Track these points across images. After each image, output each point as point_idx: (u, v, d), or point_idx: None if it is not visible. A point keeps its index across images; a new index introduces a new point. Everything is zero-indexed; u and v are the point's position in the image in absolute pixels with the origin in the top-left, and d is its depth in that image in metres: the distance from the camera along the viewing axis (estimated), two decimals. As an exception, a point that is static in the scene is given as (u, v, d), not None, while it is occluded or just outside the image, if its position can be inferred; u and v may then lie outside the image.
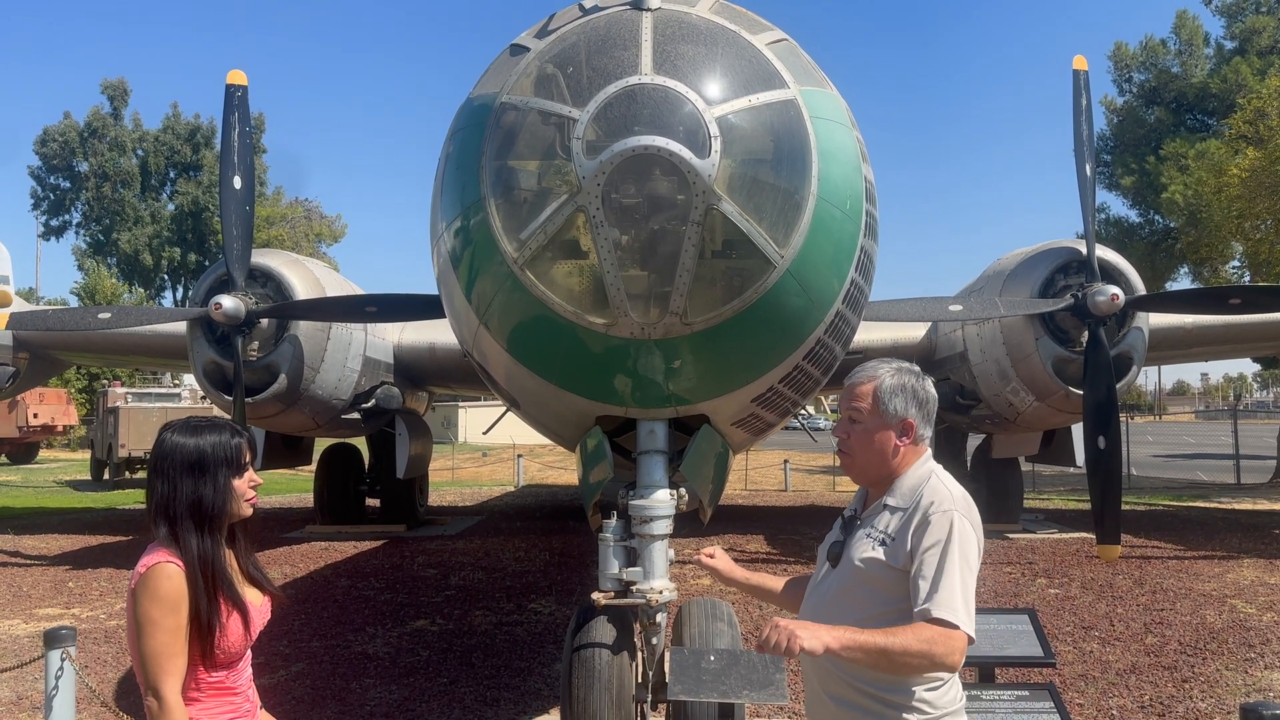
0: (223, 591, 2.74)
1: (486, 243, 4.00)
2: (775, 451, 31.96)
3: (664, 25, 3.96)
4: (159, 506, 2.76)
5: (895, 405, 2.81)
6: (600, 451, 4.67)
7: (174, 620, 2.62)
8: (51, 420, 34.55)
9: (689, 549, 13.12)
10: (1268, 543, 13.89)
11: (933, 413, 2.88)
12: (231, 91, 10.39)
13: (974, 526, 2.69)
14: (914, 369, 2.90)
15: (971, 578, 2.61)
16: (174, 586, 2.64)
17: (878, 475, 2.86)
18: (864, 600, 2.73)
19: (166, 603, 2.62)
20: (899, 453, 2.82)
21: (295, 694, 6.96)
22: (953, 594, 2.56)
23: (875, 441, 2.83)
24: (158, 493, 2.78)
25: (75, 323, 11.68)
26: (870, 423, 2.84)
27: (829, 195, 3.99)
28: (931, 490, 2.74)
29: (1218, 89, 28.02)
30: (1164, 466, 30.64)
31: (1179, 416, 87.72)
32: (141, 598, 2.64)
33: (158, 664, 2.60)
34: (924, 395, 2.85)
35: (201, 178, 60.92)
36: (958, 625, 2.53)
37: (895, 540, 2.70)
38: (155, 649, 2.60)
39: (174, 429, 2.86)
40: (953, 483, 2.79)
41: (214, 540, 2.77)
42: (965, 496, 2.75)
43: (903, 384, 2.83)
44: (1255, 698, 6.77)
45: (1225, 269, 27.69)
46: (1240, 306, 11.23)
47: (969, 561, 2.62)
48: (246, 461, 2.89)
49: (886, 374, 2.86)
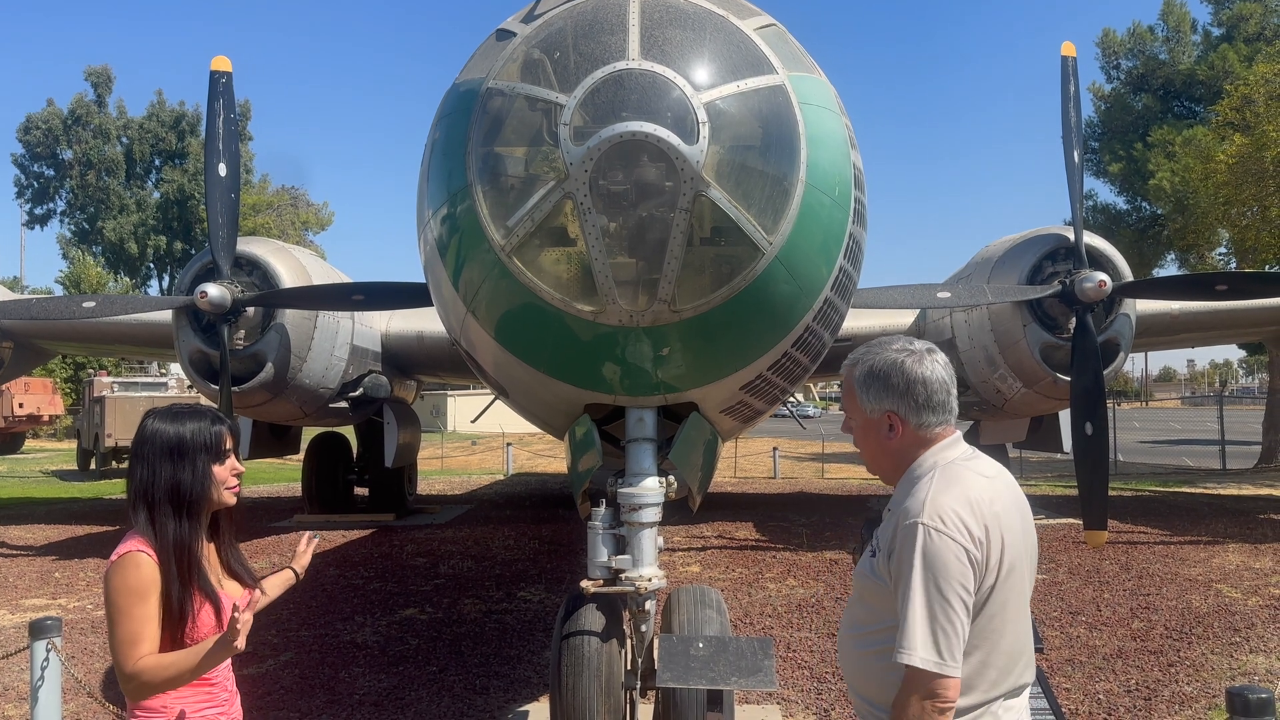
0: (196, 580, 2.73)
1: (473, 230, 3.97)
2: (764, 439, 32.02)
3: (651, 10, 3.93)
4: (138, 491, 2.77)
5: (870, 398, 2.53)
6: (589, 439, 4.65)
7: (142, 609, 2.62)
8: (37, 410, 34.40)
9: (678, 537, 13.18)
10: (1253, 527, 14.00)
11: (928, 397, 2.48)
12: (216, 78, 10.30)
13: (956, 539, 2.28)
14: (911, 347, 2.53)
15: (943, 602, 2.25)
16: (143, 575, 2.64)
17: (886, 472, 2.60)
18: (863, 614, 2.52)
19: (135, 591, 2.63)
20: (891, 447, 2.53)
21: (284, 683, 6.95)
22: (914, 631, 2.25)
23: (867, 438, 2.59)
24: (137, 477, 2.78)
25: (60, 311, 11.59)
26: (858, 419, 2.60)
27: (818, 182, 3.97)
28: (916, 493, 2.39)
29: (1205, 76, 28.06)
30: (1150, 452, 30.83)
31: (1165, 402, 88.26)
32: (111, 584, 2.65)
33: (125, 650, 2.61)
34: (905, 381, 2.48)
35: (187, 165, 60.46)
36: (921, 669, 2.24)
37: (880, 549, 2.44)
38: (123, 635, 2.61)
39: (156, 415, 2.85)
40: (953, 482, 2.39)
41: (192, 527, 2.77)
42: (954, 503, 2.33)
43: (875, 372, 2.52)
44: (1240, 681, 6.82)
45: (1212, 255, 27.82)
46: (1227, 293, 11.27)
47: (937, 585, 2.26)
48: (228, 449, 2.87)
49: (863, 361, 2.56)
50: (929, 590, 2.26)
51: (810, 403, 61.64)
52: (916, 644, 2.24)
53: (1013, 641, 2.40)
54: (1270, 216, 20.13)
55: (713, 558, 11.95)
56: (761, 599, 9.55)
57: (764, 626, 8.52)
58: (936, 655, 2.24)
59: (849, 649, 2.58)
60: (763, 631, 8.33)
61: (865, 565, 2.50)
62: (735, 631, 6.54)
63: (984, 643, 2.34)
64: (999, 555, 2.34)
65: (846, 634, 2.60)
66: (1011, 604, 2.38)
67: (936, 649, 2.24)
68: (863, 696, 2.51)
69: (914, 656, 2.24)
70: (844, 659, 2.64)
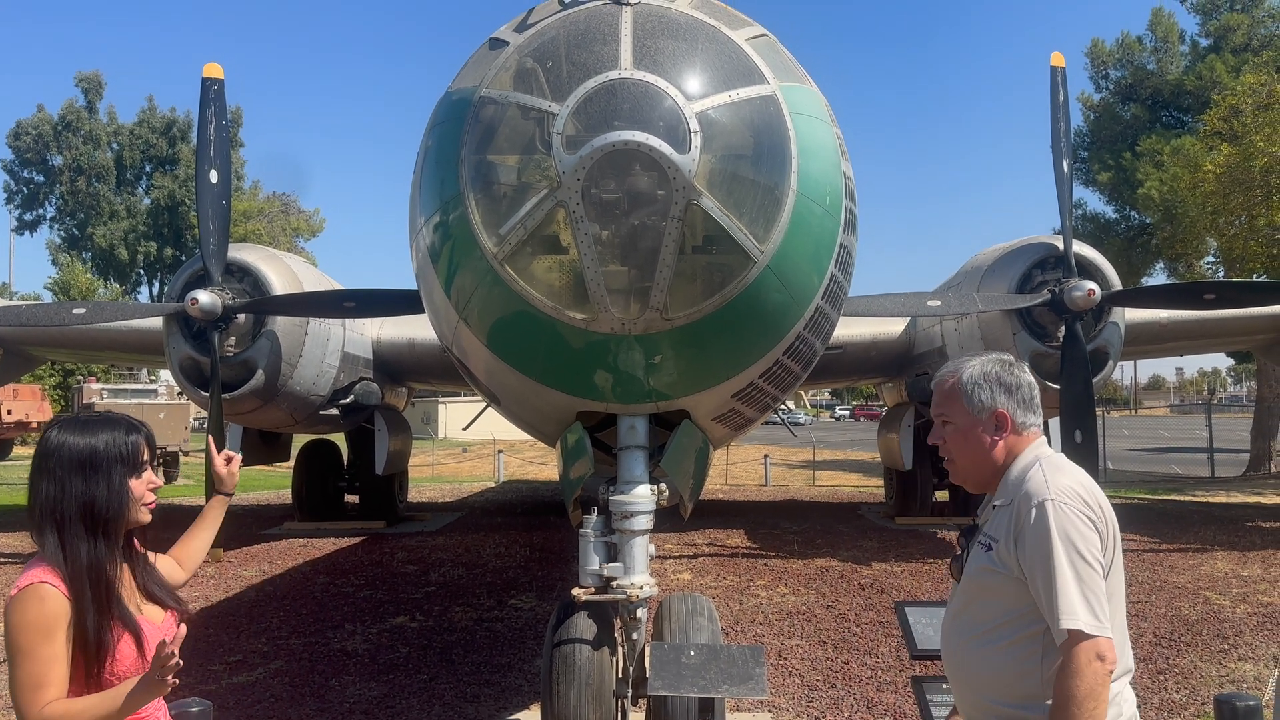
0: (113, 608, 2.46)
1: (466, 238, 3.98)
2: (756, 446, 32.03)
3: (644, 20, 3.96)
4: (45, 511, 2.47)
5: (981, 397, 2.62)
6: (581, 447, 4.66)
7: (48, 649, 2.33)
8: (26, 417, 34.16)
9: (669, 544, 13.18)
10: (1241, 535, 14.06)
11: (1030, 398, 2.65)
12: (208, 85, 10.29)
13: (1082, 510, 2.39)
14: (1004, 357, 2.70)
15: (1086, 567, 2.33)
16: (47, 609, 2.35)
17: (984, 476, 2.65)
18: (984, 613, 2.53)
19: (39, 627, 2.33)
20: (998, 447, 2.62)
21: (274, 691, 6.92)
22: (1070, 597, 2.30)
23: (970, 440, 2.64)
24: (43, 495, 2.47)
25: (49, 318, 11.54)
26: (961, 421, 2.65)
27: (809, 191, 4.00)
28: (1031, 480, 2.48)
29: (1193, 86, 28.24)
30: (1139, 460, 30.95)
31: (1154, 411, 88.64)
32: (11, 621, 2.35)
33: (28, 695, 2.30)
34: (1013, 381, 2.63)
35: (178, 172, 60.40)
36: (1086, 632, 2.27)
37: (1000, 542, 2.48)
38: (25, 679, 2.31)
39: (62, 425, 2.56)
40: (1060, 468, 2.52)
41: (108, 548, 2.49)
42: (1071, 482, 2.46)
43: (985, 373, 2.64)
44: (1229, 689, 6.85)
45: (1200, 265, 27.94)
46: (1215, 302, 11.35)
47: (1078, 550, 2.34)
48: (145, 460, 2.61)
49: (968, 366, 2.67)
50: (1072, 558, 2.33)
51: (801, 410, 61.67)
52: (1077, 609, 2.29)
53: (1121, 621, 2.48)
54: (1257, 226, 20.26)
55: (704, 565, 11.95)
56: (753, 607, 9.56)
57: (755, 634, 8.52)
58: (1094, 617, 2.29)
59: (971, 653, 2.55)
60: (754, 639, 8.33)
61: (982, 560, 2.53)
62: (726, 639, 6.54)
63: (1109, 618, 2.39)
64: (1112, 533, 2.46)
65: (964, 639, 2.57)
66: (1117, 585, 2.48)
67: (1092, 611, 2.30)
68: (993, 699, 2.49)
69: (1077, 620, 2.27)
70: (963, 666, 2.59)
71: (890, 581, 10.71)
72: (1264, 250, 20.53)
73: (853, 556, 12.43)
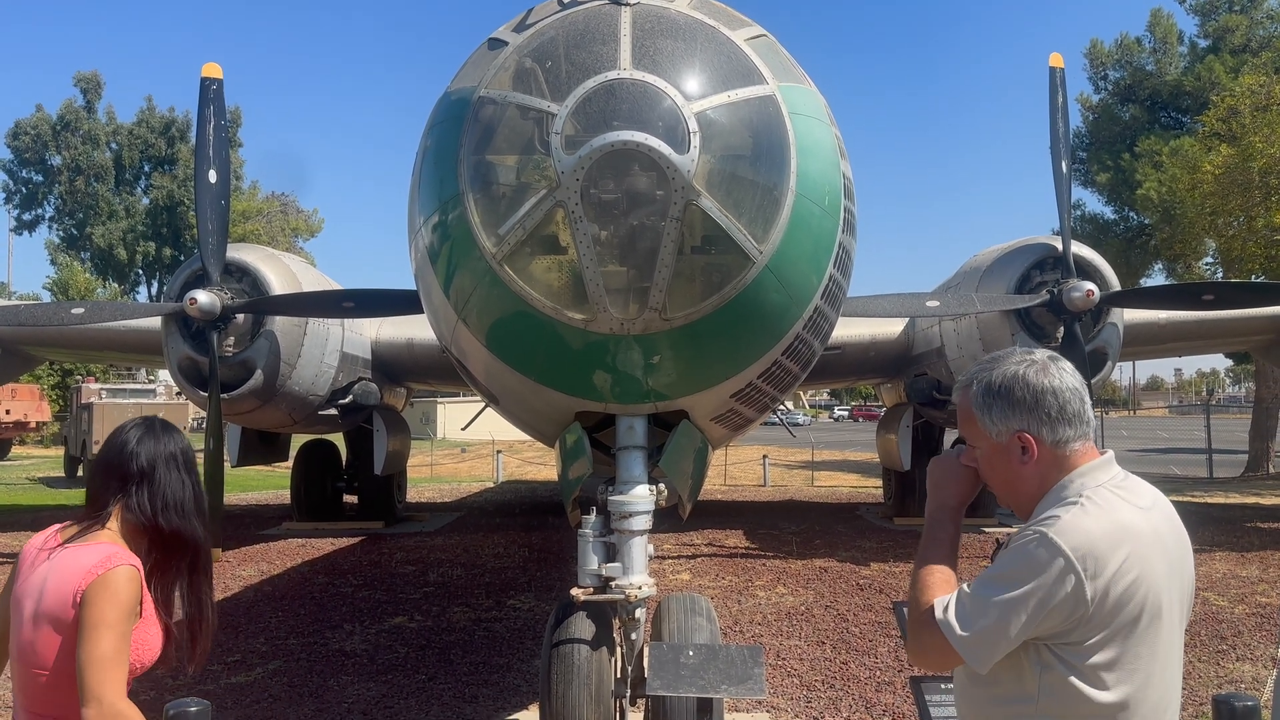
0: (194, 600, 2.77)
1: (464, 238, 3.98)
2: (754, 447, 32.03)
3: (643, 20, 3.96)
4: (180, 504, 2.72)
5: (994, 419, 2.20)
6: (579, 447, 4.67)
7: (127, 625, 2.51)
8: (24, 417, 34.14)
9: (668, 544, 13.17)
10: (1239, 536, 14.06)
11: (1060, 408, 2.17)
12: (206, 85, 10.27)
13: (1067, 556, 2.01)
14: (1030, 357, 2.23)
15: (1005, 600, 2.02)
16: (135, 591, 2.54)
17: (1022, 504, 2.24)
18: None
19: (126, 606, 2.50)
20: (1027, 472, 2.19)
21: (272, 692, 6.92)
22: (960, 601, 2.09)
23: (997, 468, 2.24)
24: (186, 487, 2.74)
25: (48, 318, 11.52)
26: (983, 445, 2.26)
27: (808, 191, 4.00)
28: (1050, 514, 2.10)
29: (1191, 87, 28.25)
30: (1138, 461, 30.93)
31: (1153, 411, 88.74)
32: (104, 595, 2.50)
33: (107, 670, 2.43)
34: (1031, 394, 2.16)
35: (176, 172, 60.34)
36: (941, 619, 2.09)
37: None
38: (108, 652, 2.44)
39: (165, 426, 2.82)
40: (1093, 512, 2.08)
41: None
42: (1090, 527, 2.04)
43: (995, 388, 2.20)
44: (1227, 689, 6.85)
45: (1199, 265, 27.95)
46: (1213, 302, 11.36)
47: (1008, 581, 2.04)
48: None
49: (977, 381, 2.25)
50: (997, 580, 2.06)
51: (800, 410, 61.70)
52: (950, 607, 2.10)
53: (1160, 694, 2.16)
54: (1256, 227, 20.27)
55: (703, 565, 11.95)
56: (751, 607, 9.56)
57: (754, 634, 8.52)
58: (957, 619, 2.07)
59: (964, 686, 2.31)
60: (752, 639, 8.33)
61: None
62: (725, 639, 6.54)
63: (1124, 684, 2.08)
64: (1133, 602, 2.08)
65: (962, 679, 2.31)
66: (1159, 655, 2.17)
67: (963, 619, 2.07)
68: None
69: (946, 612, 2.09)
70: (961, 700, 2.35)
71: (889, 582, 10.71)
72: (1262, 251, 20.55)
73: (851, 557, 12.43)
